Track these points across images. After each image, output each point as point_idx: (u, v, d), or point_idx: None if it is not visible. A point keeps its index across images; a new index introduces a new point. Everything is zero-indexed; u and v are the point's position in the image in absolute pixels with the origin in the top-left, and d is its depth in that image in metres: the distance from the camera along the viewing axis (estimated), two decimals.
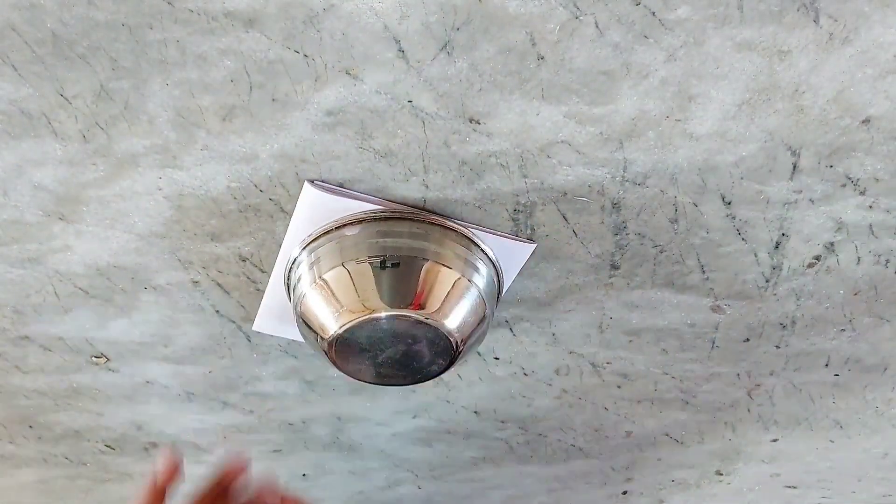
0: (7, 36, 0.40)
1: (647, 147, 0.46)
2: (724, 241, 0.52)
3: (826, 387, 0.68)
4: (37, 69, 0.42)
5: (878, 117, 0.44)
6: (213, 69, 0.42)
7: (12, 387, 0.65)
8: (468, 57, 0.41)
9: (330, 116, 0.44)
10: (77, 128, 0.45)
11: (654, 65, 0.42)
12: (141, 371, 0.64)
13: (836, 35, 0.40)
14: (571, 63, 0.42)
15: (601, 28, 0.40)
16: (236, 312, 0.58)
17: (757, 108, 0.44)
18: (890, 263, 0.54)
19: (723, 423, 0.74)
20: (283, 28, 0.40)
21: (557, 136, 0.45)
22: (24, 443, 0.73)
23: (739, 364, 0.65)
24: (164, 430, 0.72)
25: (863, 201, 0.50)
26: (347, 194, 0.49)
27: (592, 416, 0.72)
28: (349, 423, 0.72)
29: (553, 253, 0.53)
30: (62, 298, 0.56)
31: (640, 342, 0.62)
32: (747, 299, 0.57)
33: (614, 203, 0.50)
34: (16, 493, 0.83)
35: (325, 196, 0.48)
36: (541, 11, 0.39)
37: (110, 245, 0.52)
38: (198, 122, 0.45)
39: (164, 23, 0.40)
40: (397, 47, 0.41)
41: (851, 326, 0.60)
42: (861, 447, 0.79)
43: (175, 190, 0.49)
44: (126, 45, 0.41)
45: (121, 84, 0.43)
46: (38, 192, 0.48)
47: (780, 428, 0.75)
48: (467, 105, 0.44)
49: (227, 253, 0.53)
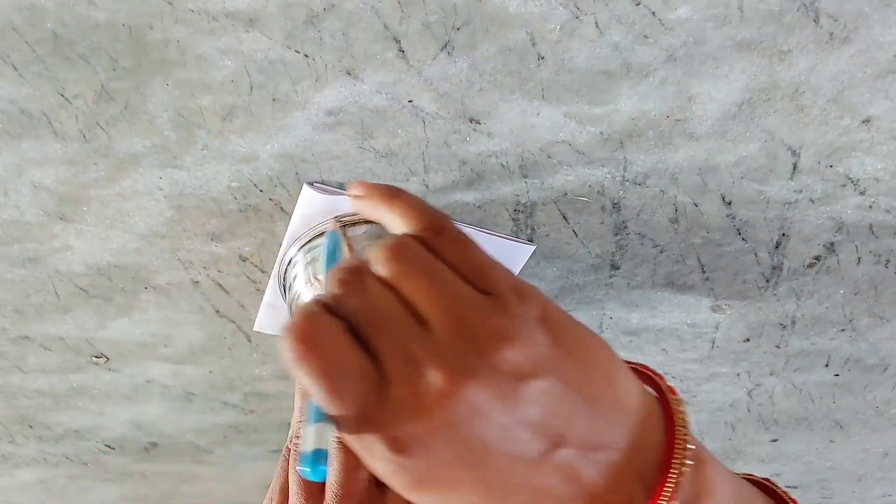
0: (7, 36, 0.40)
1: (647, 147, 0.46)
2: (724, 241, 0.52)
3: (826, 387, 0.68)
4: (37, 69, 0.42)
5: (878, 117, 0.44)
6: (213, 69, 0.42)
7: (12, 387, 0.65)
8: (468, 57, 0.41)
9: (330, 116, 0.44)
10: (77, 128, 0.45)
11: (654, 65, 0.42)
12: (141, 371, 0.64)
13: (836, 35, 0.40)
14: (571, 63, 0.42)
15: (601, 28, 0.40)
16: (236, 312, 0.58)
17: (757, 108, 0.44)
18: (890, 263, 0.54)
19: (723, 423, 0.74)
20: (283, 28, 0.40)
21: (557, 136, 0.45)
22: (24, 443, 0.73)
23: (739, 364, 0.65)
24: (164, 430, 0.72)
25: (863, 201, 0.50)
26: (345, 195, 0.49)
27: None
28: None
29: (553, 253, 0.53)
30: (62, 298, 0.56)
31: (640, 342, 0.62)
32: (747, 299, 0.57)
33: (614, 203, 0.50)
34: (16, 493, 0.83)
35: (324, 198, 0.48)
36: (541, 11, 0.39)
37: (110, 245, 0.52)
38: (198, 122, 0.45)
39: (164, 23, 0.40)
40: (397, 47, 0.41)
41: (851, 326, 0.60)
42: (861, 447, 0.79)
43: (175, 190, 0.49)
44: (126, 45, 0.41)
45: (121, 84, 0.43)
46: (39, 192, 0.48)
47: (780, 428, 0.75)
48: (467, 105, 0.44)
49: (227, 253, 0.53)
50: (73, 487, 0.82)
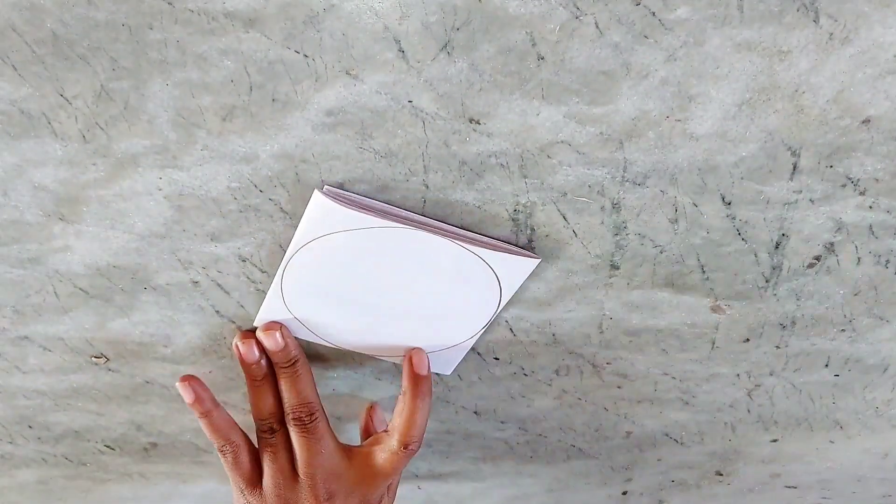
0: (7, 36, 0.40)
1: (647, 147, 0.46)
2: (724, 241, 0.52)
3: (826, 387, 0.68)
4: (37, 69, 0.42)
5: (878, 117, 0.44)
6: (213, 69, 0.42)
7: (12, 387, 0.65)
8: (468, 57, 0.41)
9: (330, 116, 0.44)
10: (77, 128, 0.45)
11: (654, 65, 0.42)
12: (141, 371, 0.64)
13: (836, 35, 0.40)
14: (571, 63, 0.42)
15: (601, 28, 0.40)
16: (236, 312, 0.58)
17: (757, 108, 0.44)
18: (890, 263, 0.54)
19: (723, 424, 0.74)
20: (283, 28, 0.40)
21: (557, 136, 0.45)
22: (23, 443, 0.73)
23: (739, 364, 0.65)
24: (163, 430, 0.72)
25: (863, 201, 0.50)
26: (359, 204, 0.49)
27: (592, 416, 0.72)
28: (349, 424, 0.72)
29: (553, 253, 0.53)
30: (62, 298, 0.56)
31: (640, 342, 0.62)
32: (747, 299, 0.57)
33: (614, 203, 0.50)
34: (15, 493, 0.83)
35: (336, 207, 0.48)
36: (541, 11, 0.39)
37: (110, 245, 0.52)
38: (198, 122, 0.45)
39: (164, 23, 0.40)
40: (397, 47, 0.41)
41: (851, 326, 0.60)
42: (861, 447, 0.79)
43: (175, 190, 0.49)
44: (126, 45, 0.41)
45: (121, 84, 0.43)
46: (38, 192, 0.48)
47: (780, 428, 0.74)
48: (467, 105, 0.44)
49: (227, 253, 0.53)
50: (73, 488, 0.82)
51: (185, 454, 0.76)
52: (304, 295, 0.55)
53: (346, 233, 0.49)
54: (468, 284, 0.54)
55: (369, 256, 0.52)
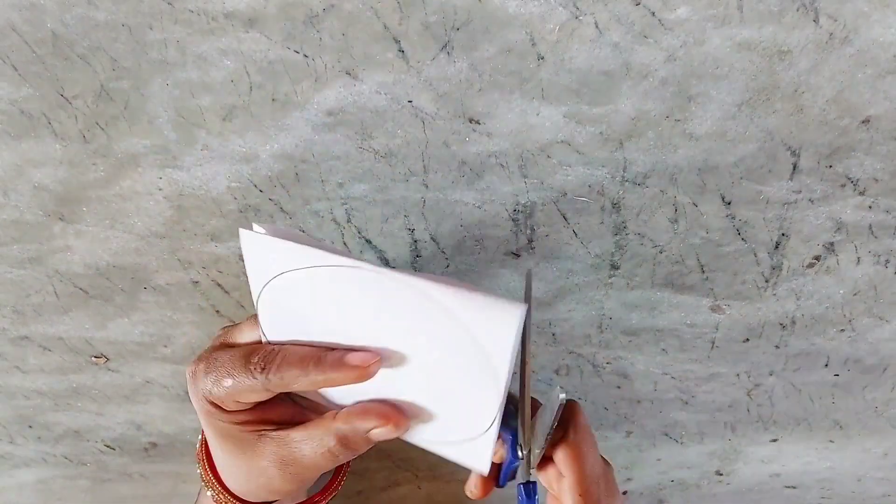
0: (7, 36, 0.40)
1: (647, 147, 0.46)
2: (724, 241, 0.52)
3: (826, 387, 0.68)
4: (37, 69, 0.42)
5: (878, 117, 0.44)
6: (213, 69, 0.42)
7: (12, 387, 0.65)
8: (468, 57, 0.41)
9: (330, 116, 0.44)
10: (77, 128, 0.45)
11: (654, 65, 0.42)
12: (141, 371, 0.64)
13: (836, 35, 0.40)
14: (571, 63, 0.42)
15: (601, 28, 0.40)
16: (236, 312, 0.58)
17: (757, 108, 0.44)
18: (890, 263, 0.54)
19: (722, 424, 0.74)
20: (283, 28, 0.40)
21: (557, 136, 0.45)
22: (23, 443, 0.73)
23: (739, 364, 0.65)
24: (163, 430, 0.72)
25: (862, 201, 0.50)
26: (288, 237, 0.39)
27: (592, 416, 0.72)
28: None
29: (553, 253, 0.53)
30: (62, 298, 0.56)
31: (640, 342, 0.62)
32: (747, 299, 0.57)
33: (614, 203, 0.50)
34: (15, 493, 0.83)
35: (266, 240, 0.39)
36: (541, 11, 0.39)
37: (110, 245, 0.52)
38: (198, 122, 0.45)
39: (164, 23, 0.40)
40: (397, 47, 0.41)
41: (851, 326, 0.60)
42: (861, 447, 0.79)
43: (175, 190, 0.49)
44: (126, 45, 0.41)
45: (121, 84, 0.43)
46: (38, 192, 0.48)
47: (779, 428, 0.75)
48: (467, 105, 0.44)
49: (227, 253, 0.53)
50: (73, 488, 0.82)
51: (185, 454, 0.76)
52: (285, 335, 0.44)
53: (307, 271, 0.39)
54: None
55: (337, 299, 0.40)
